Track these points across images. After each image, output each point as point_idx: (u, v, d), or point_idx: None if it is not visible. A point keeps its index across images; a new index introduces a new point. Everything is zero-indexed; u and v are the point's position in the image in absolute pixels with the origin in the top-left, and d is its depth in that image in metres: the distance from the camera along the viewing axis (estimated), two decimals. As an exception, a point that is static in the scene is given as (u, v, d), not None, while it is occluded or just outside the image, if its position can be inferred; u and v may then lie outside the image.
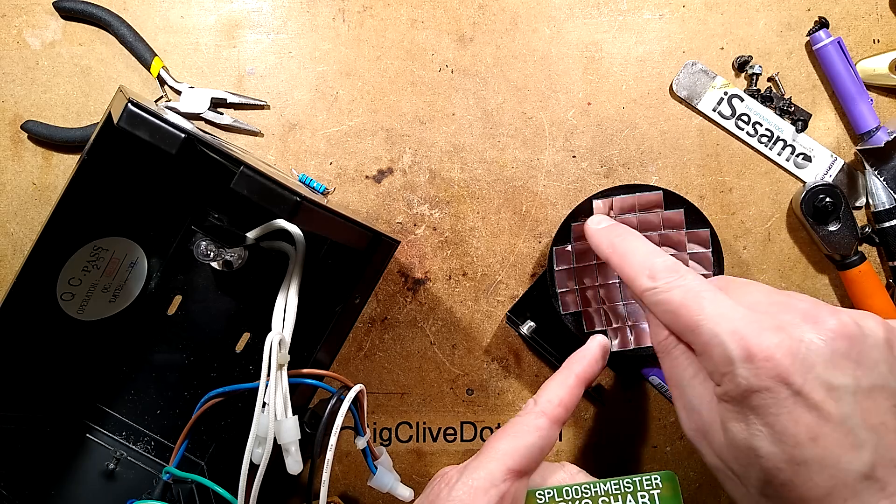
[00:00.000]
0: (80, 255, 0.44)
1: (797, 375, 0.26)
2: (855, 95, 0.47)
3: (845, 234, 0.46)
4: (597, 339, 0.37)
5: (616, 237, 0.36)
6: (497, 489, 0.31)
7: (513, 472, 0.32)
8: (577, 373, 0.36)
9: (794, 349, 0.27)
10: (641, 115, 0.49)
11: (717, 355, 0.28)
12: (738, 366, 0.27)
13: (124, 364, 0.47)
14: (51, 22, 0.50)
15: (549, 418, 0.34)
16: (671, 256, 0.33)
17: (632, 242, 0.35)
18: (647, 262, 0.33)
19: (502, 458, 0.32)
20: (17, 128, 0.49)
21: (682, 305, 0.30)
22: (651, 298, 0.32)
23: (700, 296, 0.30)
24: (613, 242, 0.36)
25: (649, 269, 0.32)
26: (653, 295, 0.32)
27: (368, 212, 0.50)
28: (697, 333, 0.29)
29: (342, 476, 0.49)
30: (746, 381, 0.27)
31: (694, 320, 0.30)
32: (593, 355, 0.37)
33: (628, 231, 0.37)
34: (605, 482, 0.33)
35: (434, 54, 0.50)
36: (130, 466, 0.46)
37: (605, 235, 0.37)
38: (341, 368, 0.49)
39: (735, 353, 0.28)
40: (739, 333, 0.28)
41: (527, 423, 0.34)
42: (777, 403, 0.27)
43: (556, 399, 0.35)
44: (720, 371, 0.28)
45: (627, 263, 0.34)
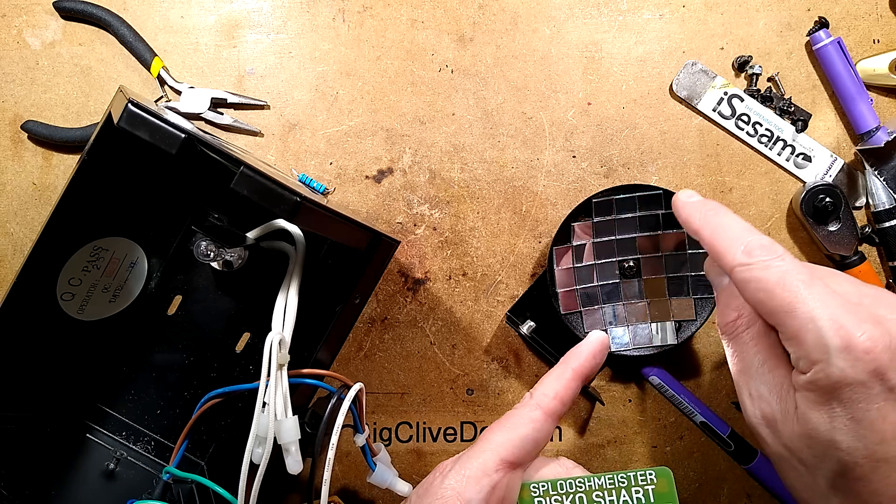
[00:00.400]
0: (80, 255, 0.44)
1: (893, 371, 0.26)
2: (855, 95, 0.47)
3: (845, 234, 0.46)
4: (595, 334, 0.37)
5: (709, 210, 0.34)
6: (489, 479, 0.31)
7: (506, 463, 0.32)
8: (574, 367, 0.36)
9: (893, 343, 0.26)
10: (641, 115, 0.49)
11: (812, 341, 0.27)
12: (835, 355, 0.26)
13: (124, 364, 0.47)
14: (51, 22, 0.50)
15: (544, 411, 0.34)
16: (767, 237, 0.32)
17: (726, 216, 0.34)
18: (744, 237, 0.31)
19: (496, 449, 0.32)
20: (17, 128, 0.49)
21: (780, 285, 0.29)
22: (743, 275, 0.30)
23: (798, 277, 0.29)
24: (706, 215, 0.34)
25: (745, 245, 0.31)
26: (746, 271, 0.30)
27: (368, 212, 0.50)
28: (792, 316, 0.28)
29: (342, 475, 0.49)
30: (841, 371, 0.26)
31: (790, 302, 0.28)
32: (591, 350, 0.37)
33: (721, 207, 0.35)
34: (599, 476, 0.33)
35: (434, 54, 0.50)
36: (130, 466, 0.46)
37: (696, 208, 0.35)
38: (341, 368, 0.49)
39: (833, 342, 0.26)
40: (839, 322, 0.27)
41: (521, 415, 0.34)
42: (868, 398, 0.26)
43: (552, 392, 0.34)
44: (812, 357, 0.27)
45: (720, 237, 0.32)
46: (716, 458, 0.49)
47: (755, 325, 0.31)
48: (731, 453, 0.47)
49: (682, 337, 0.46)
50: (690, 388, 0.48)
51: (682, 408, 0.47)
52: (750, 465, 0.47)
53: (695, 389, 0.49)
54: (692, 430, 0.49)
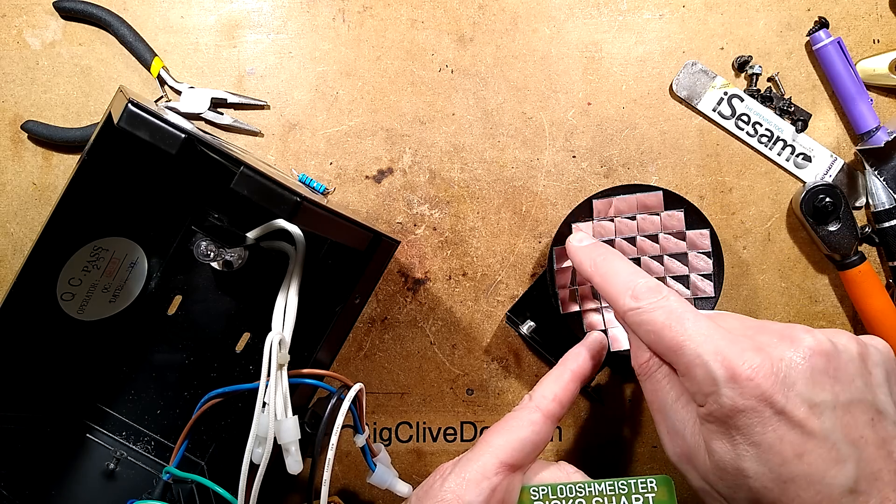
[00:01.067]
0: (80, 255, 0.44)
1: (779, 394, 0.27)
2: (855, 95, 0.47)
3: (845, 234, 0.46)
4: (593, 335, 0.37)
5: (598, 256, 0.36)
6: (489, 482, 0.31)
7: (505, 466, 0.32)
8: (573, 369, 0.36)
9: (774, 368, 0.27)
10: (641, 115, 0.49)
11: (701, 375, 0.28)
12: (722, 386, 0.28)
13: (124, 364, 0.47)
14: (51, 22, 0.50)
15: (543, 413, 0.34)
16: (653, 278, 0.33)
17: (614, 262, 0.35)
18: (630, 283, 0.33)
19: (495, 452, 0.32)
20: (17, 128, 0.49)
21: (665, 326, 0.30)
22: (634, 318, 0.32)
23: (683, 316, 0.30)
24: (595, 262, 0.36)
25: (632, 290, 0.32)
26: (636, 315, 0.32)
27: (368, 212, 0.50)
28: (680, 353, 0.29)
29: (342, 475, 0.49)
30: (731, 401, 0.27)
31: (677, 340, 0.30)
32: (589, 352, 0.37)
33: (610, 251, 0.37)
34: (599, 483, 0.33)
35: (434, 54, 0.50)
36: (130, 466, 0.46)
37: (586, 254, 0.37)
38: (341, 368, 0.49)
39: (719, 374, 0.28)
40: (722, 353, 0.28)
41: (521, 417, 0.34)
42: (762, 422, 0.27)
43: (551, 395, 0.35)
44: (704, 391, 0.29)
45: (610, 283, 0.34)
46: (716, 458, 0.49)
47: (665, 365, 0.32)
48: (731, 453, 0.47)
49: (682, 337, 0.46)
50: (690, 388, 0.48)
51: (682, 408, 0.47)
52: (750, 465, 0.47)
53: (695, 389, 0.49)
54: (692, 430, 0.49)
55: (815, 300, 0.49)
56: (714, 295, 0.45)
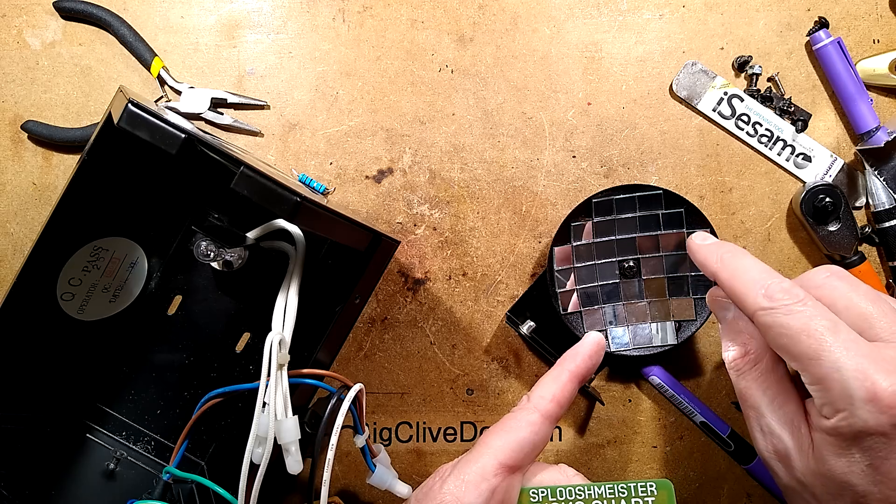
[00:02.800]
0: (80, 255, 0.44)
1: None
2: (855, 95, 0.47)
3: (845, 234, 0.46)
4: (590, 335, 0.37)
5: (726, 252, 0.35)
6: (488, 483, 0.31)
7: (505, 467, 0.32)
8: (571, 369, 0.36)
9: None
10: (641, 115, 0.49)
11: (838, 391, 0.27)
12: (859, 406, 0.27)
13: (124, 364, 0.47)
14: (51, 22, 0.50)
15: (541, 414, 0.34)
16: (787, 279, 0.32)
17: (744, 259, 0.34)
18: (763, 281, 0.31)
19: (494, 453, 0.32)
20: (17, 128, 0.49)
21: (804, 331, 0.29)
22: (765, 319, 0.30)
23: (822, 324, 0.29)
24: (723, 258, 0.34)
25: (765, 289, 0.31)
26: (769, 315, 0.30)
27: (368, 212, 0.50)
28: (818, 364, 0.28)
29: (342, 475, 0.49)
30: (865, 423, 0.27)
31: (815, 350, 0.28)
32: (587, 352, 0.37)
33: (738, 248, 0.35)
34: (599, 485, 0.33)
35: (434, 54, 0.50)
36: (130, 466, 0.46)
37: (712, 251, 0.35)
38: (341, 368, 0.49)
39: (858, 393, 0.27)
40: (865, 373, 0.27)
41: (519, 418, 0.34)
42: (889, 448, 0.26)
43: (549, 395, 0.35)
44: (836, 406, 0.28)
45: (740, 280, 0.32)
46: (716, 458, 0.49)
47: (763, 361, 0.32)
48: (731, 453, 0.47)
49: (682, 337, 0.46)
50: (690, 388, 0.49)
51: (682, 408, 0.47)
52: (750, 465, 0.47)
53: (695, 389, 0.49)
54: (692, 430, 0.49)
55: (815, 300, 0.49)
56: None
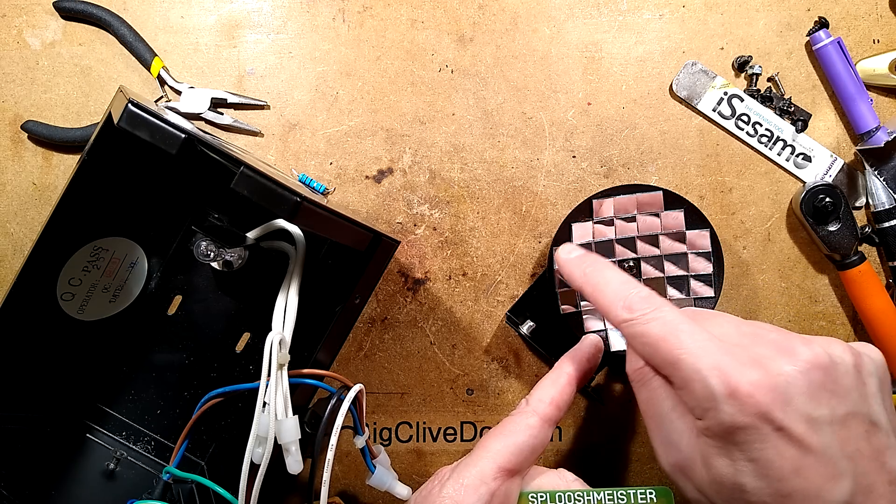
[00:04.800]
0: (80, 255, 0.44)
1: (778, 410, 0.27)
2: (855, 95, 0.47)
3: (845, 234, 0.46)
4: (589, 337, 0.37)
5: (588, 267, 0.36)
6: (487, 487, 0.31)
7: (503, 471, 0.32)
8: (569, 372, 0.36)
9: (773, 384, 0.27)
10: (641, 115, 0.49)
11: (700, 390, 0.28)
12: (722, 402, 0.27)
13: (124, 364, 0.47)
14: (51, 22, 0.50)
15: (540, 417, 0.34)
16: (646, 287, 0.33)
17: (605, 272, 0.35)
18: (623, 293, 0.32)
19: (493, 457, 0.32)
20: (17, 128, 0.49)
21: (661, 339, 0.30)
22: (628, 330, 0.32)
23: (678, 328, 0.30)
24: (586, 272, 0.36)
25: (624, 300, 0.32)
26: (630, 326, 0.31)
27: (368, 212, 0.50)
28: (678, 367, 0.29)
29: (342, 475, 0.49)
30: (730, 417, 0.27)
31: (674, 354, 0.29)
32: (584, 354, 0.37)
33: (600, 260, 0.36)
34: (598, 491, 0.33)
35: (434, 54, 0.50)
36: (130, 466, 0.46)
37: (576, 265, 0.37)
38: (341, 368, 0.49)
39: (718, 389, 0.27)
40: (720, 368, 0.28)
41: (518, 422, 0.34)
42: (761, 439, 0.27)
43: (548, 398, 0.35)
44: (702, 406, 0.28)
45: (602, 294, 0.34)
46: (716, 458, 0.49)
47: (658, 376, 0.32)
48: (731, 453, 0.47)
49: (682, 337, 0.46)
50: (690, 388, 0.48)
51: (682, 408, 0.47)
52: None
53: (695, 389, 0.49)
54: (692, 430, 0.49)
55: (815, 300, 0.49)
56: (714, 295, 0.45)
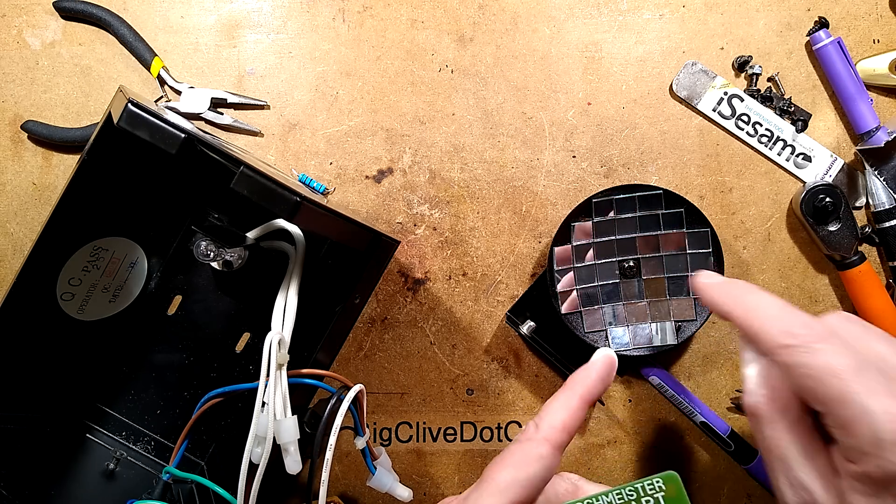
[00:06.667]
0: (80, 255, 0.44)
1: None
2: (855, 95, 0.47)
3: (845, 234, 0.46)
4: (602, 354, 0.35)
5: (736, 290, 0.33)
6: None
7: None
8: (581, 394, 0.33)
9: None
10: (641, 115, 0.49)
11: (866, 434, 0.26)
12: (889, 449, 0.26)
13: (124, 364, 0.47)
14: (51, 22, 0.50)
15: (551, 445, 0.32)
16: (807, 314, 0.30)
17: (758, 295, 0.32)
18: (782, 317, 0.30)
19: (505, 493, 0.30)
20: (17, 128, 0.49)
21: (828, 372, 0.27)
22: (788, 358, 0.29)
23: (846, 364, 0.27)
24: (735, 296, 0.33)
25: (786, 325, 0.29)
26: (791, 355, 0.29)
27: (368, 212, 0.50)
28: (843, 406, 0.27)
29: (342, 476, 0.49)
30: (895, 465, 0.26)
31: (840, 391, 0.27)
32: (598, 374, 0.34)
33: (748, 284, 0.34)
34: (606, 494, 0.32)
35: (434, 54, 0.50)
36: (130, 466, 0.46)
37: (723, 290, 0.34)
38: (341, 368, 0.49)
39: (888, 436, 0.26)
40: (893, 415, 0.26)
41: (529, 451, 0.32)
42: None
43: (560, 424, 0.32)
44: (864, 450, 0.27)
45: (757, 318, 0.31)
46: (716, 458, 0.49)
47: (793, 409, 0.30)
48: (731, 453, 0.47)
49: (682, 337, 0.46)
50: (690, 388, 0.48)
51: (682, 408, 0.47)
52: (750, 465, 0.47)
53: (695, 389, 0.49)
54: (692, 430, 0.49)
55: (815, 300, 0.49)
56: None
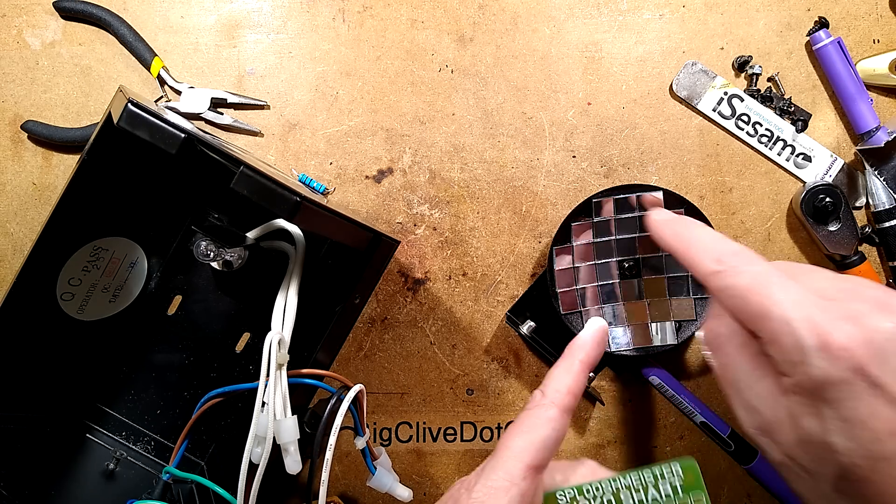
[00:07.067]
0: (80, 255, 0.44)
1: (874, 367, 0.25)
2: (855, 95, 0.47)
3: (845, 234, 0.46)
4: (593, 321, 0.36)
5: (679, 225, 0.35)
6: (518, 488, 0.30)
7: (531, 469, 0.31)
8: (581, 359, 0.35)
9: (869, 339, 0.26)
10: (641, 115, 0.49)
11: (789, 343, 0.27)
12: (813, 355, 0.26)
13: (124, 364, 0.47)
14: (51, 22, 0.50)
15: (559, 408, 0.33)
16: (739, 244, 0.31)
17: (697, 229, 0.34)
18: (714, 246, 0.31)
19: (520, 456, 0.31)
20: (17, 128, 0.49)
21: (751, 290, 0.29)
22: (717, 282, 0.30)
23: (770, 281, 0.29)
24: (676, 231, 0.35)
25: (716, 253, 0.31)
26: (719, 279, 0.30)
27: (368, 212, 0.50)
28: (767, 319, 0.28)
29: (342, 476, 0.49)
30: (822, 371, 0.26)
31: (764, 305, 0.28)
32: (594, 339, 0.36)
33: (692, 221, 0.35)
34: (624, 476, 0.32)
35: (434, 54, 0.50)
36: (130, 466, 0.46)
37: (668, 225, 0.36)
38: (341, 368, 0.49)
39: (809, 342, 0.26)
40: (813, 321, 0.26)
41: (538, 416, 0.33)
42: (854, 396, 0.26)
43: (565, 388, 0.34)
44: (792, 360, 0.27)
45: (693, 248, 0.33)
46: (716, 458, 0.49)
47: (738, 335, 0.31)
48: (731, 453, 0.47)
49: (682, 337, 0.46)
50: (690, 388, 0.48)
51: (682, 408, 0.47)
52: (750, 465, 0.47)
53: (695, 389, 0.49)
54: (692, 430, 0.49)
55: (815, 300, 0.49)
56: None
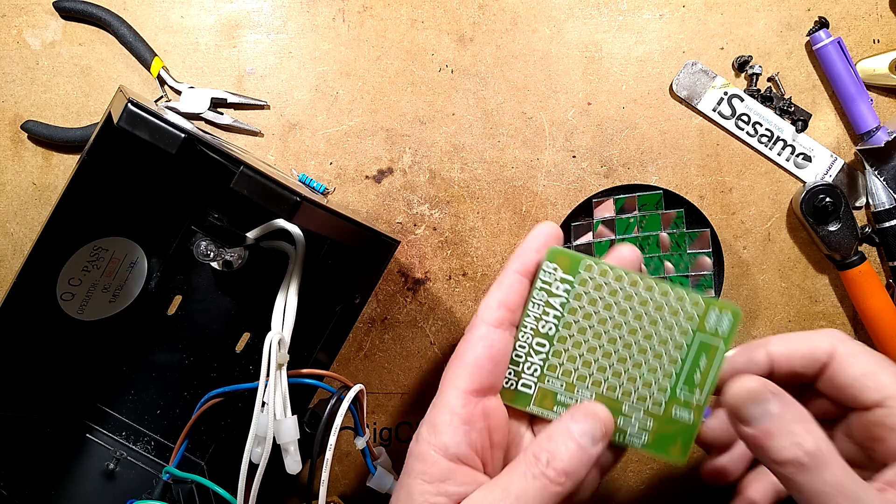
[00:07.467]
0: (80, 255, 0.44)
1: None
2: (855, 95, 0.47)
3: (845, 234, 0.46)
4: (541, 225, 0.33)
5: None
6: (460, 417, 0.29)
7: (470, 393, 0.30)
8: (515, 268, 0.32)
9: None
10: (641, 115, 0.49)
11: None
12: None
13: (124, 364, 0.47)
14: (51, 22, 0.50)
15: (489, 324, 0.31)
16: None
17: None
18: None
19: (455, 384, 0.30)
20: (17, 128, 0.49)
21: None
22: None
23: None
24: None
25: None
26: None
27: (368, 212, 0.50)
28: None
29: (342, 476, 0.49)
30: None
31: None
32: (534, 245, 0.32)
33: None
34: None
35: (434, 54, 0.50)
36: (130, 466, 0.46)
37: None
38: (341, 368, 0.49)
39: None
40: None
41: (470, 339, 0.31)
42: None
43: (495, 303, 0.31)
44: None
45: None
46: (716, 458, 0.49)
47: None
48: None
49: (682, 337, 0.46)
50: (690, 389, 0.48)
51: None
52: (750, 466, 0.47)
53: (695, 389, 0.49)
54: (692, 431, 0.49)
55: (815, 300, 0.49)
56: (714, 295, 0.45)
